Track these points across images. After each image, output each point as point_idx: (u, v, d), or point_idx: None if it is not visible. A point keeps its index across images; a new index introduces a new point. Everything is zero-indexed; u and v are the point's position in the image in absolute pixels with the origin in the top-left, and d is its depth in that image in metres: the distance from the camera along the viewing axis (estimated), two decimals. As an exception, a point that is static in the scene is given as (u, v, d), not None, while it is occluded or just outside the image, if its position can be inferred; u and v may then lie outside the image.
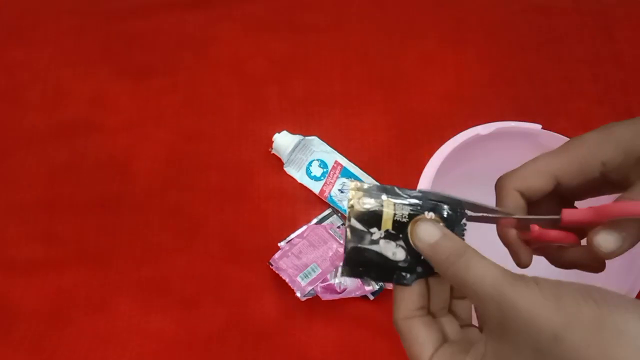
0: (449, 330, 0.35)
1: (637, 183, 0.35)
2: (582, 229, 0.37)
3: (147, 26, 0.83)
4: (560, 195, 0.39)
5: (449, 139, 0.57)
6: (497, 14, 0.83)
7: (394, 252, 0.34)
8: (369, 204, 0.34)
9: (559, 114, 0.75)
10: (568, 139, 0.39)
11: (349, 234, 0.34)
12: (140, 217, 0.70)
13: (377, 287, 0.64)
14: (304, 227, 0.68)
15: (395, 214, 0.34)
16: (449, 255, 0.32)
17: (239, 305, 0.65)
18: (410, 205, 0.34)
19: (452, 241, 0.33)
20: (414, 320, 0.34)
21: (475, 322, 0.36)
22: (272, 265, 0.64)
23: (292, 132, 0.72)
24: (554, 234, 0.37)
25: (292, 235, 0.67)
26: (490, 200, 0.38)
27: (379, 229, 0.34)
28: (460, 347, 0.33)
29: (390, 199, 0.34)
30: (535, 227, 0.37)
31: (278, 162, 0.72)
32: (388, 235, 0.34)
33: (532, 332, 0.28)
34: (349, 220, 0.34)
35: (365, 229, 0.34)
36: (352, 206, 0.34)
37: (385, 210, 0.34)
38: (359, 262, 0.34)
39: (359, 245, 0.34)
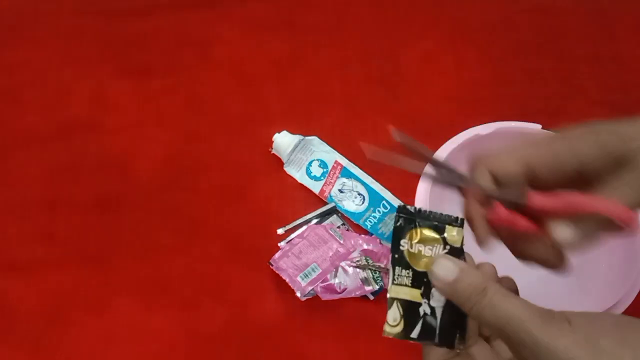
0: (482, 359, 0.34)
1: (610, 183, 0.34)
2: (544, 220, 0.37)
3: (147, 26, 0.83)
4: (533, 188, 0.38)
5: (449, 139, 0.58)
6: (497, 14, 0.83)
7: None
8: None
9: (559, 114, 0.75)
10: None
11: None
12: (140, 217, 0.70)
13: (377, 287, 0.64)
14: (304, 227, 0.68)
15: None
16: (471, 294, 0.31)
17: (239, 305, 0.65)
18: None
19: (472, 277, 0.32)
20: None
21: None
22: (272, 265, 0.64)
23: (292, 132, 0.72)
24: (518, 219, 0.36)
25: (292, 235, 0.67)
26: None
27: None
28: None
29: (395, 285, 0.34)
30: (499, 206, 0.36)
31: (278, 162, 0.72)
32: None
33: None
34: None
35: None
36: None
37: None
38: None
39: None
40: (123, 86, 0.78)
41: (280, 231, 0.68)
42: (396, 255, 0.34)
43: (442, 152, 0.58)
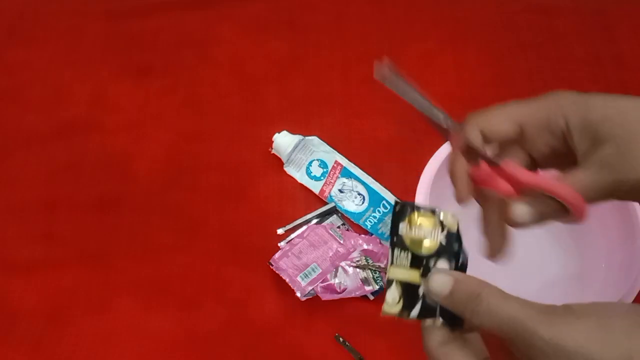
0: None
1: (580, 165, 0.34)
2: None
3: (147, 26, 0.83)
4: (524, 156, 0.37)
5: (448, 139, 0.57)
6: (497, 14, 0.83)
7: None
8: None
9: (559, 114, 0.75)
10: None
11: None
12: (140, 217, 0.70)
13: (377, 287, 0.64)
14: (304, 227, 0.68)
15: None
16: (467, 302, 0.30)
17: (239, 305, 0.65)
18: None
19: (466, 285, 0.31)
20: (448, 345, 0.32)
21: None
22: (272, 265, 0.64)
23: (292, 132, 0.72)
24: (499, 182, 0.36)
25: (292, 235, 0.67)
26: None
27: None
28: None
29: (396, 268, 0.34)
30: (486, 166, 0.36)
31: (278, 162, 0.72)
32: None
33: None
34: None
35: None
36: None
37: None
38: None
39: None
40: (123, 86, 0.78)
41: (280, 231, 0.68)
42: (394, 238, 0.34)
43: (442, 152, 0.58)
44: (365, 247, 0.66)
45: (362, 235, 0.67)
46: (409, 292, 0.33)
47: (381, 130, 0.74)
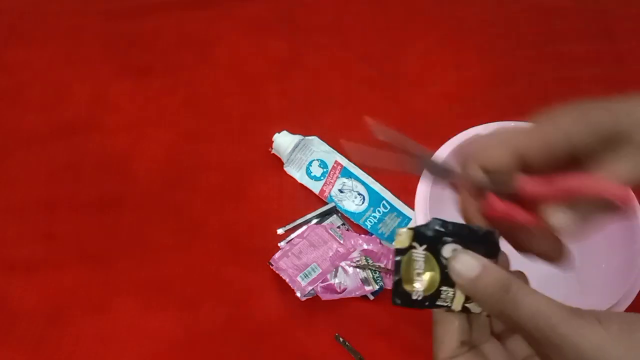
0: (494, 358, 0.33)
1: (605, 161, 0.32)
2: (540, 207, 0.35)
3: (147, 26, 0.83)
4: (524, 172, 0.36)
5: (449, 139, 0.57)
6: (497, 14, 0.83)
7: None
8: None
9: (559, 114, 0.75)
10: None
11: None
12: (141, 217, 0.70)
13: (377, 287, 0.64)
14: (304, 227, 0.68)
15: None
16: (494, 291, 0.29)
17: (239, 305, 0.65)
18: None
19: (495, 273, 0.30)
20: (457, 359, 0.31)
21: None
22: (272, 265, 0.64)
23: (292, 132, 0.72)
24: (514, 210, 0.34)
25: (292, 235, 0.67)
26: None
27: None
28: None
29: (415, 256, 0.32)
30: (495, 199, 0.34)
31: (278, 162, 0.72)
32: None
33: None
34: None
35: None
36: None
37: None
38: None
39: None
40: (123, 86, 0.78)
41: (280, 231, 0.68)
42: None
43: (442, 152, 0.58)
44: (365, 247, 0.66)
45: (362, 235, 0.67)
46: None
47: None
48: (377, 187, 0.70)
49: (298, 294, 0.62)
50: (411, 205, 0.68)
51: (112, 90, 0.78)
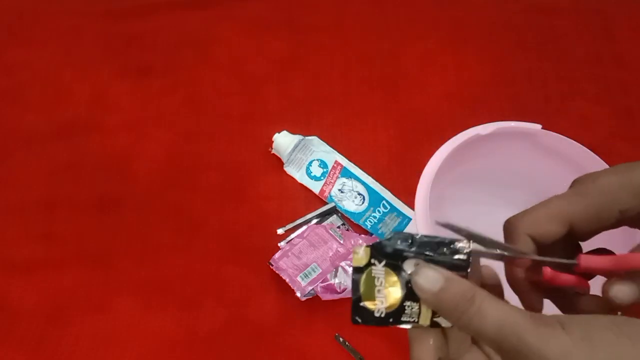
0: None
1: None
2: (593, 275, 0.36)
3: (147, 26, 0.83)
4: (571, 236, 0.36)
5: (449, 139, 0.57)
6: (497, 14, 0.83)
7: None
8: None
9: (559, 114, 0.75)
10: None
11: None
12: (140, 217, 0.70)
13: (377, 287, 0.64)
14: (304, 227, 0.68)
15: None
16: (458, 303, 0.29)
17: (239, 305, 0.65)
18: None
19: (459, 285, 0.30)
20: None
21: None
22: (272, 265, 0.64)
23: (292, 132, 0.72)
24: (567, 278, 0.34)
25: (292, 235, 0.67)
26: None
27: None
28: None
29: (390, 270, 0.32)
30: (548, 270, 0.34)
31: (278, 162, 0.72)
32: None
33: None
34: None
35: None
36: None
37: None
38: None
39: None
40: (123, 86, 0.78)
41: (280, 231, 0.68)
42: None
43: (442, 152, 0.58)
44: (365, 247, 0.66)
45: (362, 235, 0.67)
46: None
47: (381, 130, 0.75)
48: (377, 187, 0.70)
49: (298, 294, 0.62)
50: (411, 205, 0.68)
51: (112, 90, 0.78)
